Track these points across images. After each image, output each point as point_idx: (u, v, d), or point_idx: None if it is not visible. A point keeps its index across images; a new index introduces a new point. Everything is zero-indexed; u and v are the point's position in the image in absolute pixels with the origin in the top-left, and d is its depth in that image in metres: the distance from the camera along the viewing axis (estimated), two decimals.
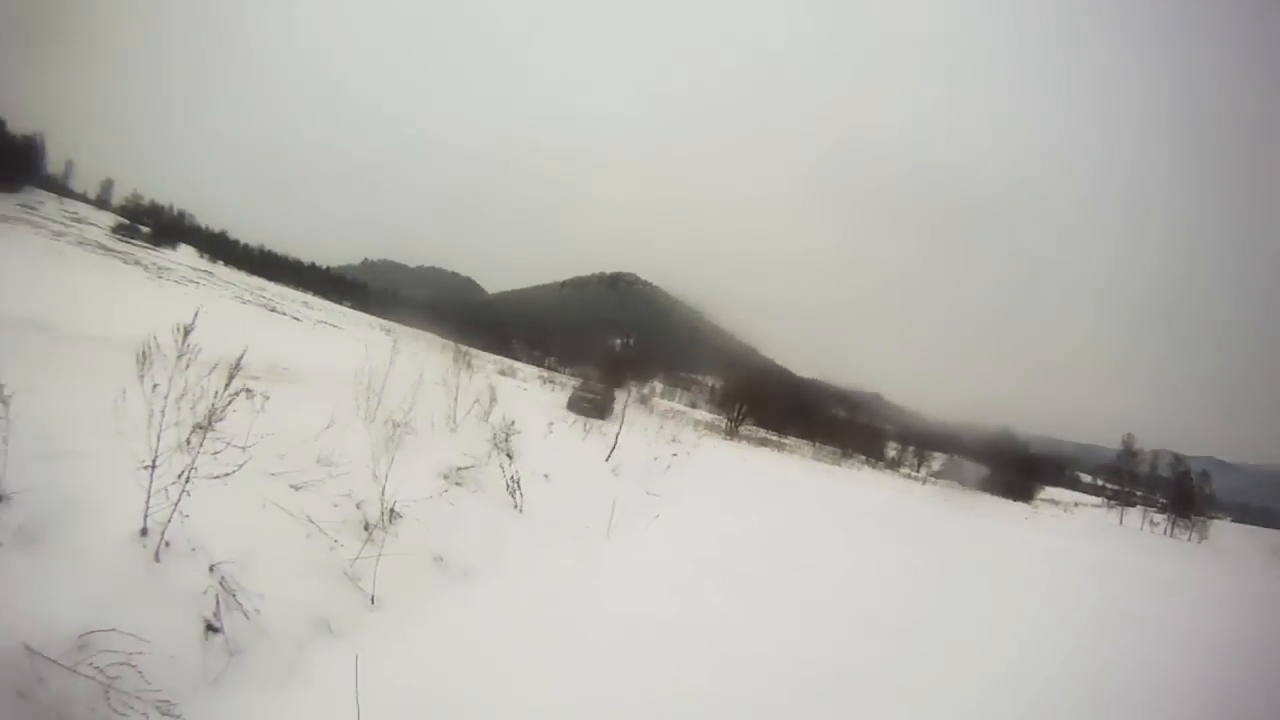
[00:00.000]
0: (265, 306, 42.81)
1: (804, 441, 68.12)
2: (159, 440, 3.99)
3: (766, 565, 9.05)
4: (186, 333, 4.13)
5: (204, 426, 4.30)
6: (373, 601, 4.89)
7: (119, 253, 51.86)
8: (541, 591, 6.22)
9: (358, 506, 5.74)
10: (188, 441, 4.25)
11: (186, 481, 4.03)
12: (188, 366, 4.16)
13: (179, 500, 3.99)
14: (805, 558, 10.25)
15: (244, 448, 4.81)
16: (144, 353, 4.11)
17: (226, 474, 4.51)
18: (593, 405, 29.85)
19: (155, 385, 4.05)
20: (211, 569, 4.05)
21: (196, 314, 4.21)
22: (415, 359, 11.08)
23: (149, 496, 3.94)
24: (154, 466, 3.95)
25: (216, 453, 4.41)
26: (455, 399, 10.64)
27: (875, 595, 8.85)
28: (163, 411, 4.04)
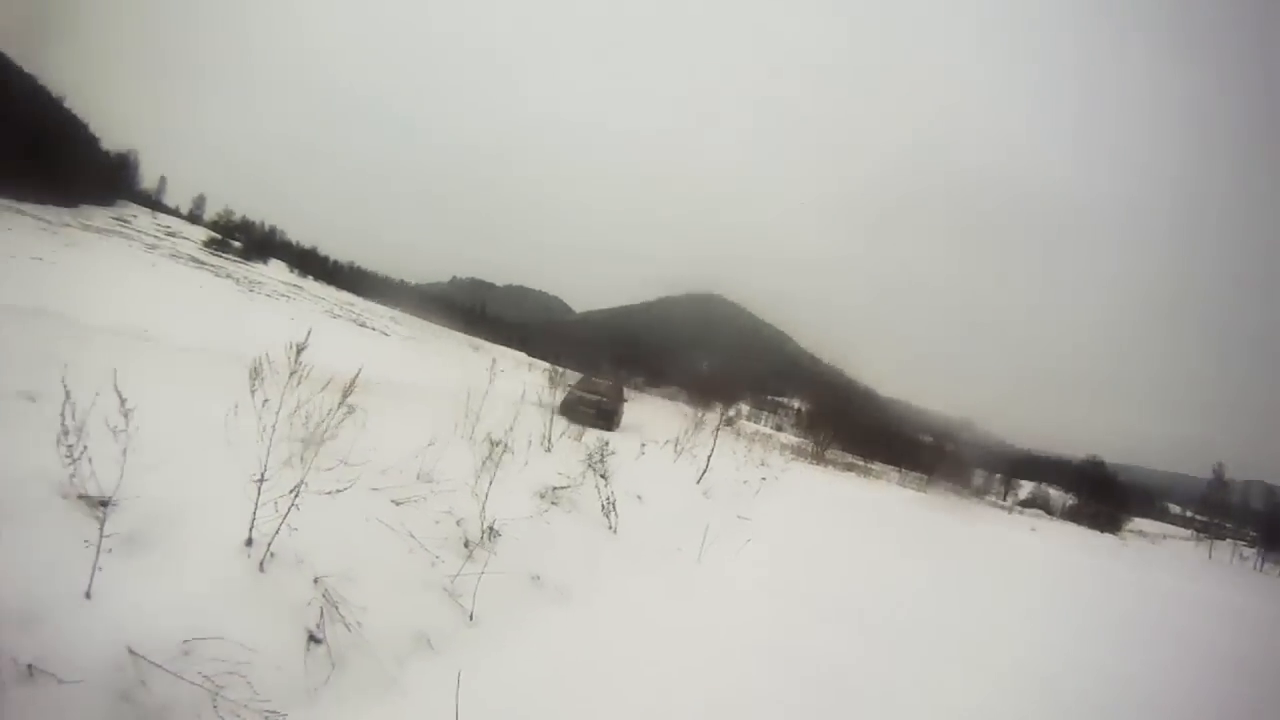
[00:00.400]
0: (355, 321, 43.74)
1: (890, 467, 66.80)
2: (269, 454, 4.00)
3: (856, 593, 8.79)
4: (299, 351, 4.15)
5: (317, 442, 4.32)
6: (471, 618, 4.83)
7: (211, 266, 53.62)
8: (636, 612, 6.09)
9: (458, 524, 5.72)
10: (301, 458, 4.27)
11: (296, 496, 4.04)
12: (299, 383, 4.18)
13: (287, 513, 3.99)
14: (896, 588, 9.93)
15: (356, 465, 4.84)
16: (256, 368, 4.14)
17: (339, 490, 4.53)
18: (596, 411, 21.91)
19: (266, 400, 4.08)
20: (316, 581, 4.04)
21: (309, 333, 4.23)
22: (509, 377, 11.11)
23: (256, 508, 3.95)
24: (263, 480, 3.96)
25: (329, 469, 4.42)
26: (551, 418, 10.63)
27: (970, 632, 8.48)
28: (274, 426, 4.05)
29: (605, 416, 22.76)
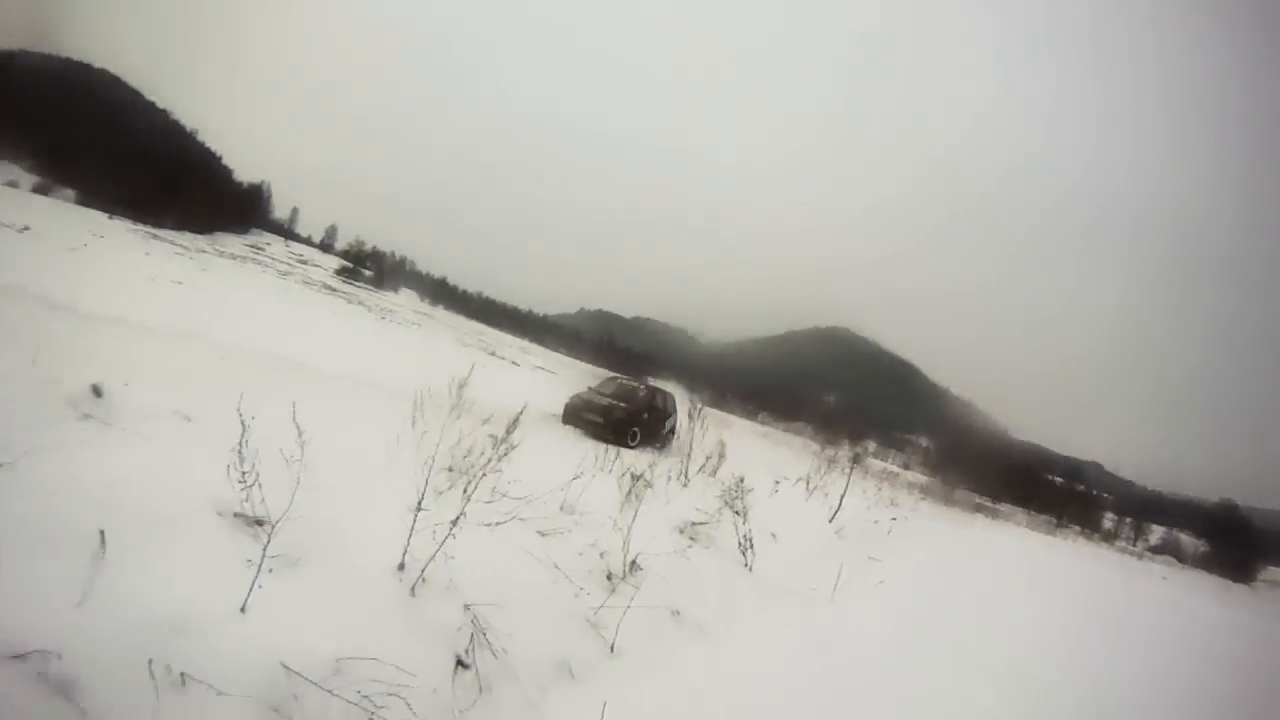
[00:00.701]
0: (485, 350, 44.43)
1: (1017, 508, 64.32)
2: (427, 483, 4.07)
3: (987, 641, 8.43)
4: (461, 386, 4.23)
5: (477, 475, 4.39)
6: (612, 650, 4.81)
7: (343, 293, 55.56)
8: (772, 650, 5.96)
9: (601, 556, 5.73)
10: (465, 491, 4.34)
11: (454, 525, 4.10)
12: (459, 417, 4.25)
13: (444, 542, 4.05)
14: (1024, 635, 9.49)
15: (514, 499, 4.91)
16: (418, 401, 4.23)
17: (498, 524, 4.60)
18: (604, 421, 16.30)
19: (425, 432, 4.16)
20: (466, 608, 4.08)
21: (472, 369, 4.31)
22: None
23: (411, 535, 4.02)
24: (420, 509, 4.03)
25: (489, 501, 4.49)
26: (689, 454, 10.58)
27: (1103, 687, 8.02)
28: (434, 458, 4.13)
29: (619, 428, 16.38)
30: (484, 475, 4.40)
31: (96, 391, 4.82)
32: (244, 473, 3.67)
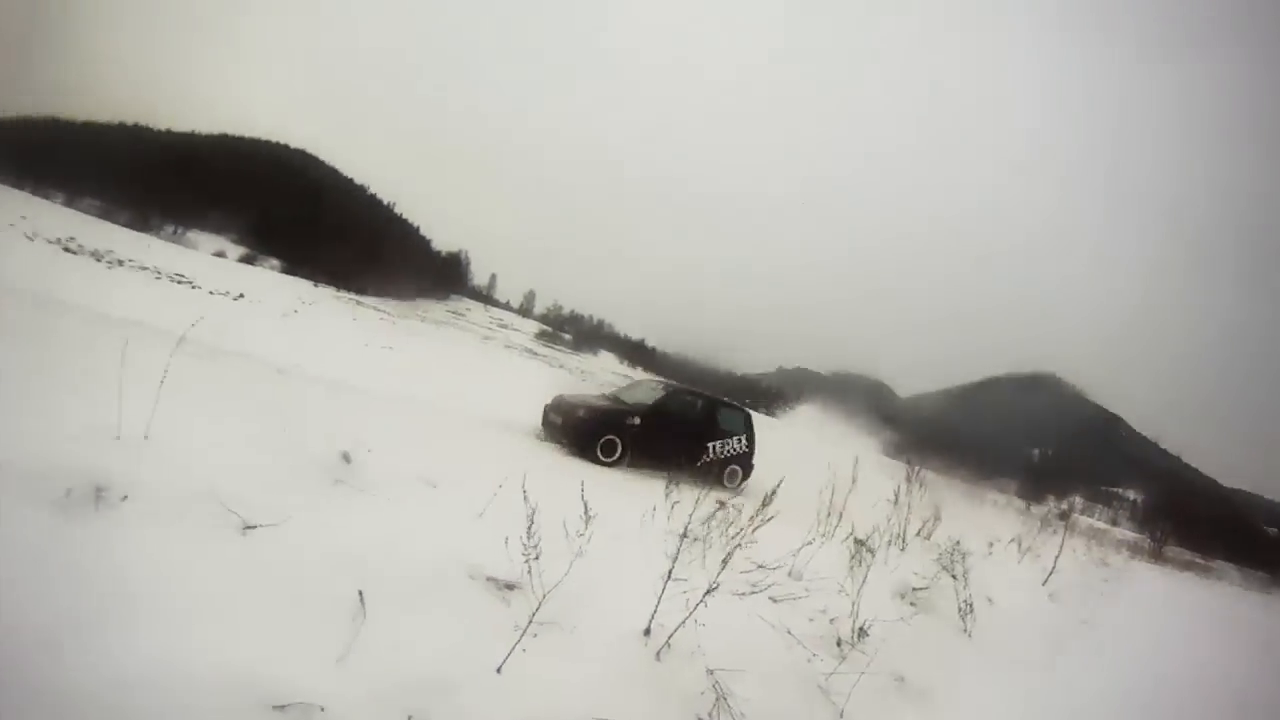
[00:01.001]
0: None
1: (1229, 564, 59.18)
2: (679, 551, 4.15)
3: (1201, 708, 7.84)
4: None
5: (731, 545, 4.48)
6: (842, 716, 4.76)
7: (544, 356, 56.86)
8: (994, 718, 5.79)
9: (831, 622, 5.68)
10: (723, 562, 4.43)
11: (707, 594, 4.18)
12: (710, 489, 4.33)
13: (695, 609, 4.12)
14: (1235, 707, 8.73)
15: (769, 569, 4.96)
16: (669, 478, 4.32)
17: (748, 592, 4.65)
18: (565, 424, 12.89)
19: (677, 502, 4.25)
20: (709, 672, 4.12)
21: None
22: (870, 474, 10.86)
23: (659, 602, 4.08)
24: (671, 577, 4.11)
25: (745, 571, 4.56)
26: (906, 517, 10.30)
27: None
28: (686, 528, 4.22)
29: (580, 433, 12.71)
30: (738, 546, 4.47)
31: (346, 458, 5.17)
32: (529, 546, 3.86)
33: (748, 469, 14.79)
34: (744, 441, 14.79)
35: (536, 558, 3.89)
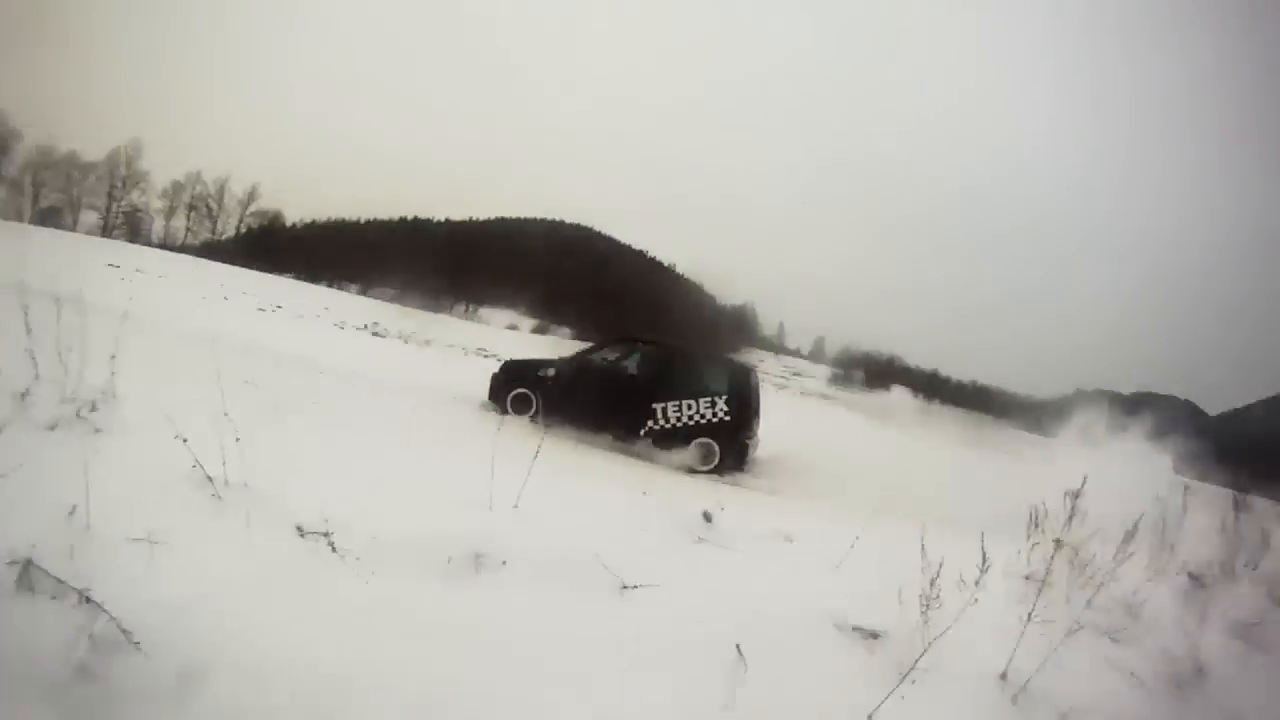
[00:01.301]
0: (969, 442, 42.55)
1: None
2: (1039, 594, 4.16)
3: None
4: (1075, 497, 4.29)
5: (1095, 585, 4.44)
6: None
7: (839, 400, 56.34)
8: None
9: (1171, 662, 5.48)
10: (1088, 602, 4.40)
11: (1068, 635, 4.15)
12: (1072, 529, 4.31)
13: (1054, 649, 4.09)
14: None
15: (1134, 607, 4.92)
16: (1033, 515, 4.33)
17: (1099, 633, 4.63)
18: (493, 381, 12.17)
19: (1036, 544, 4.24)
20: (1062, 716, 4.07)
21: (1085, 480, 4.35)
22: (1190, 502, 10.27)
23: (1018, 644, 4.09)
24: (1030, 619, 4.12)
25: (1109, 610, 4.52)
26: (1236, 549, 9.71)
27: None
28: (1048, 570, 4.22)
29: (497, 387, 11.98)
30: (1102, 585, 4.42)
31: (707, 517, 5.49)
32: (928, 596, 4.01)
33: (736, 447, 11.48)
34: (725, 407, 11.40)
35: (938, 608, 3.96)
